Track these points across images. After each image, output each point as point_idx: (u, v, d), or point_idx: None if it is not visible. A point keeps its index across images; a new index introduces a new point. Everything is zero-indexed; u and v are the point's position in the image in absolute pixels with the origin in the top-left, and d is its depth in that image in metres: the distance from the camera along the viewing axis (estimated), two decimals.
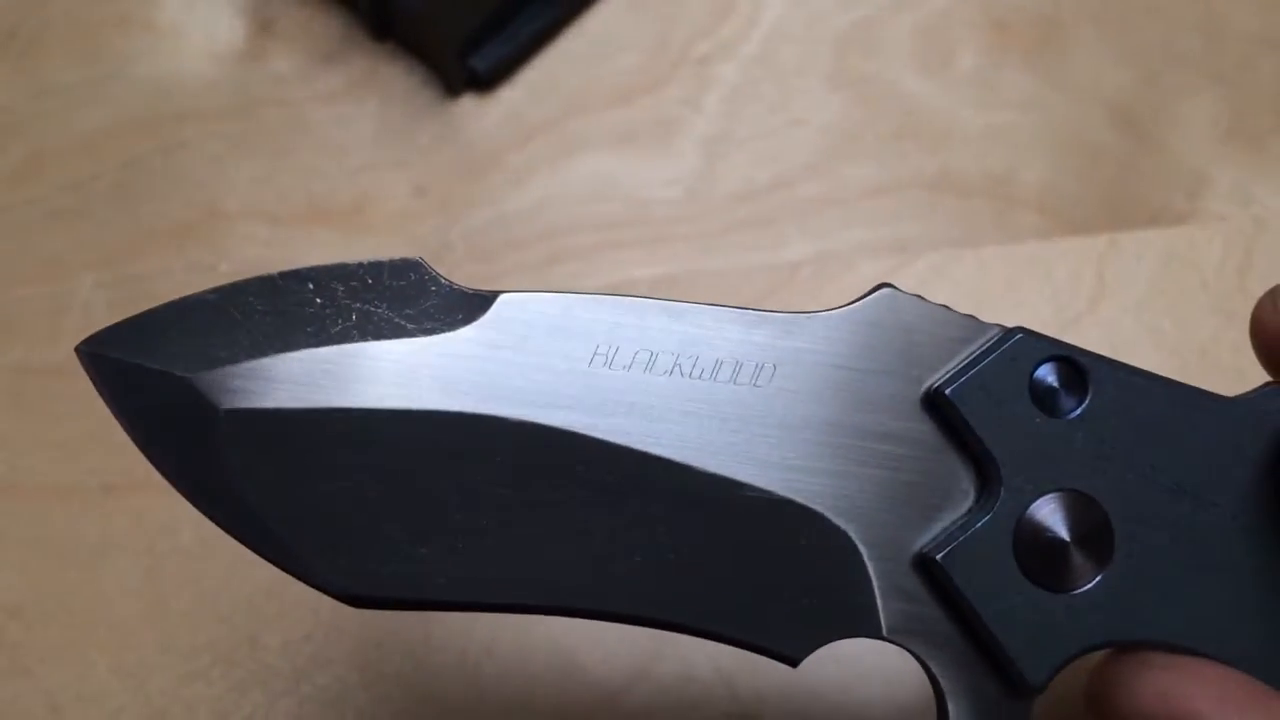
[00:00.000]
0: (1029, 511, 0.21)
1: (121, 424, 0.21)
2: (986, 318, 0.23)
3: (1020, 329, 0.22)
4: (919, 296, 0.22)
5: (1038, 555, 0.21)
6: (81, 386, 0.39)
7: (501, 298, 0.22)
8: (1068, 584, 0.21)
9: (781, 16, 0.42)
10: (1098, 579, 0.22)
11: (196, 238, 0.39)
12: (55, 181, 0.40)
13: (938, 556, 0.21)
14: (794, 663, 0.22)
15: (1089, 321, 0.37)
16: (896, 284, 0.22)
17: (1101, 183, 0.39)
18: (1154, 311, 0.37)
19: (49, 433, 0.36)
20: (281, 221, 0.39)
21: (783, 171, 0.40)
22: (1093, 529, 0.22)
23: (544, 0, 0.41)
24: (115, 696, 0.33)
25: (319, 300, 0.21)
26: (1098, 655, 0.22)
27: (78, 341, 0.21)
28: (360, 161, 0.40)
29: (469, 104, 0.41)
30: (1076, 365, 0.22)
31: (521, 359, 0.21)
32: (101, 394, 0.21)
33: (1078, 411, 0.22)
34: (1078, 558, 0.22)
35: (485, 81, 0.40)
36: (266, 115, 0.41)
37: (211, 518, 0.21)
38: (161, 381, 0.21)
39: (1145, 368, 0.23)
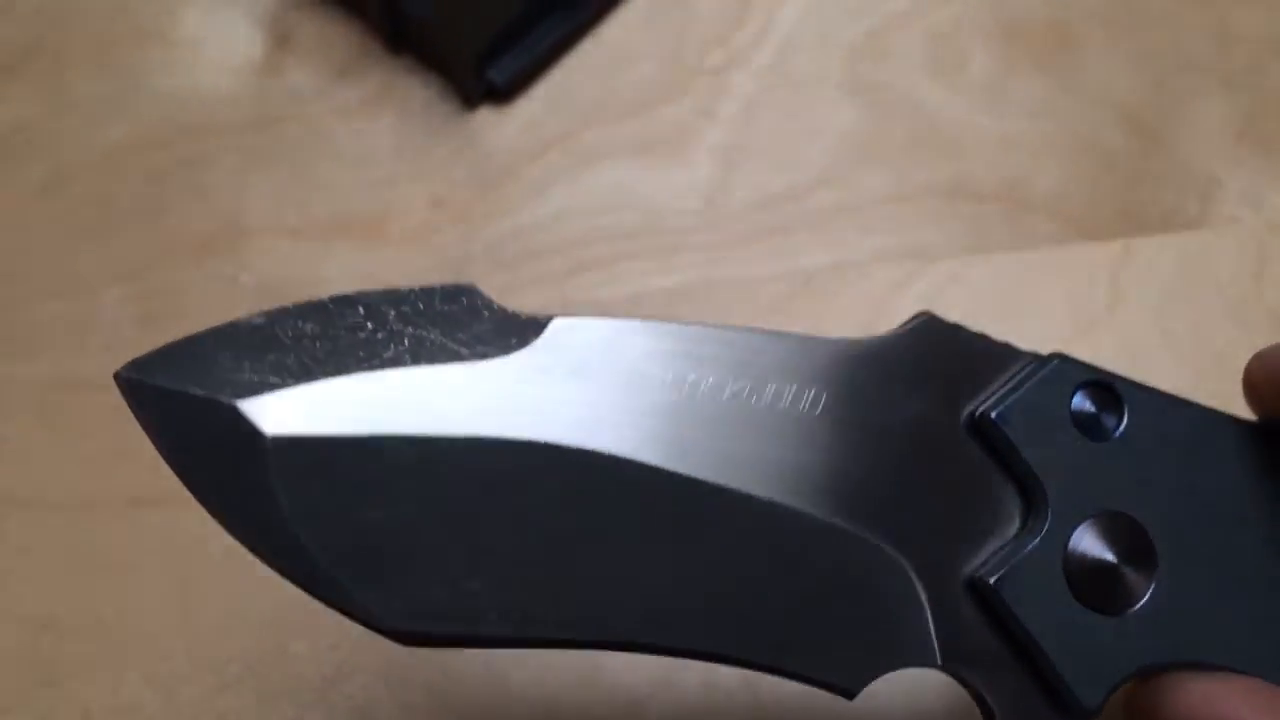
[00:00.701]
0: (1076, 534, 0.22)
1: (163, 454, 0.20)
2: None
3: (1057, 354, 0.22)
4: (958, 325, 0.23)
5: (1086, 577, 0.21)
6: (108, 400, 0.39)
7: (554, 322, 0.21)
8: (1116, 606, 0.22)
9: (794, 26, 0.42)
10: (1144, 601, 0.22)
11: (218, 251, 0.39)
12: (78, 197, 0.40)
13: (991, 580, 0.21)
14: (850, 695, 0.21)
15: (1105, 327, 0.37)
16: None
17: (1115, 188, 0.40)
18: (1170, 317, 0.37)
19: (76, 447, 0.36)
20: (302, 235, 0.39)
21: (798, 180, 0.40)
22: (1137, 551, 0.22)
23: (560, 12, 0.41)
24: (147, 708, 0.33)
25: (370, 325, 0.21)
26: None
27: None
28: (379, 174, 0.40)
29: (486, 116, 0.41)
30: (1112, 390, 0.22)
31: (576, 384, 0.21)
32: (141, 422, 0.20)
33: (1116, 435, 0.22)
34: (1125, 579, 0.22)
35: (502, 93, 0.41)
36: (285, 129, 0.41)
37: (256, 552, 0.20)
38: (206, 408, 0.20)
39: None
